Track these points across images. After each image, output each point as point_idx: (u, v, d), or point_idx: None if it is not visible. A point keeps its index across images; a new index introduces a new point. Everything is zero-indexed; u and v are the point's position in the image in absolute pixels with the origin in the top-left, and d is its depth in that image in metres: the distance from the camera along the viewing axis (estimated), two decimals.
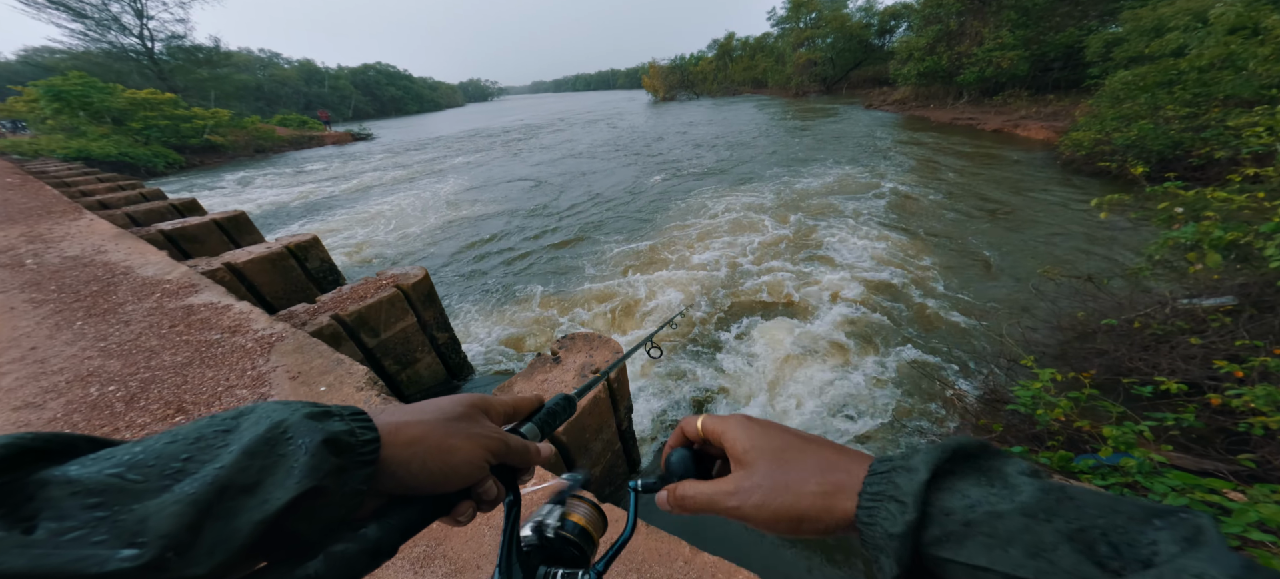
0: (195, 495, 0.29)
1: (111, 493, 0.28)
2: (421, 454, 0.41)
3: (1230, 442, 2.92)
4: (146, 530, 0.27)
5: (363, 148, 34.68)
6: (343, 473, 0.36)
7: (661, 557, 1.70)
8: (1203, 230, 3.96)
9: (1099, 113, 11.31)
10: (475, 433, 0.45)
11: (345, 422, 0.38)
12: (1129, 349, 3.76)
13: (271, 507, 0.31)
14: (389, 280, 4.31)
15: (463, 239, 10.56)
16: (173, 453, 0.31)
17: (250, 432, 0.34)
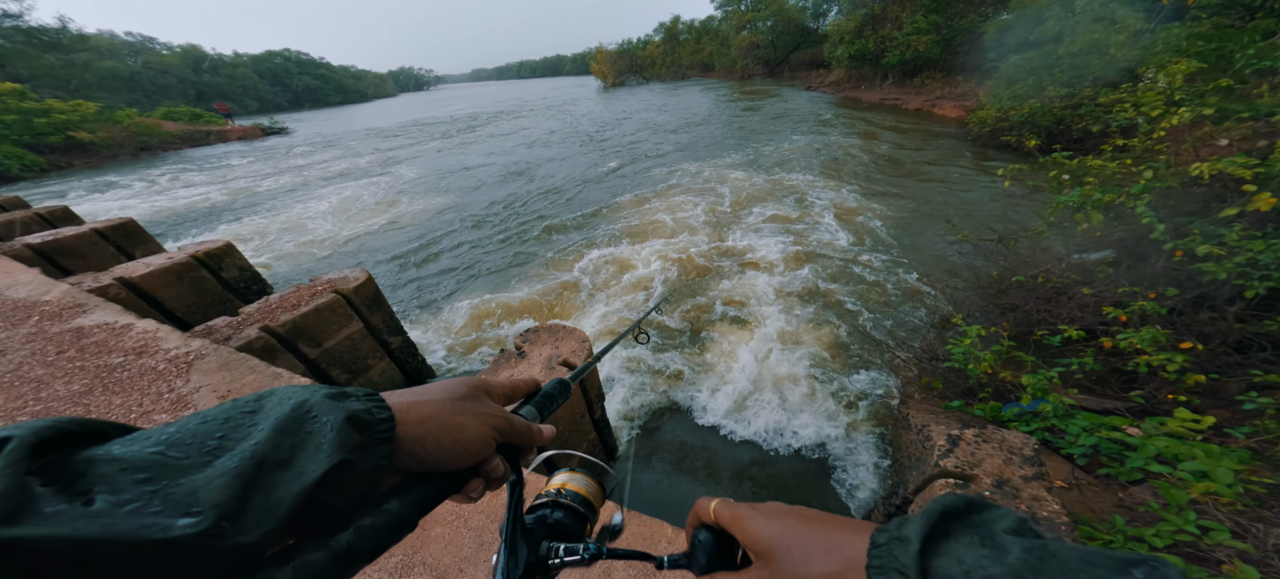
0: (238, 469, 0.31)
1: (158, 468, 0.30)
2: (433, 431, 0.43)
3: (1123, 380, 3.39)
4: (199, 501, 0.29)
5: (277, 143, 31.22)
6: (365, 448, 0.38)
7: (645, 539, 1.72)
8: (1086, 194, 4.52)
9: (998, 93, 12.60)
10: (481, 411, 0.48)
11: (362, 401, 0.40)
12: (1036, 302, 4.25)
13: (309, 478, 0.33)
14: (326, 285, 3.97)
15: (410, 237, 9.93)
16: (206, 432, 0.33)
17: (276, 411, 0.36)
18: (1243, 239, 3.47)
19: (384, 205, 12.66)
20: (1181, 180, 4.10)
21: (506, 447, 0.51)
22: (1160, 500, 1.90)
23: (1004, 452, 2.02)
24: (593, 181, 13.14)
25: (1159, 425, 2.48)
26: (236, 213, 13.09)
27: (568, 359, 2.81)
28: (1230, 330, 3.47)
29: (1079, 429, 2.59)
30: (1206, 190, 4.06)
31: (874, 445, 3.74)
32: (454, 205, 12.03)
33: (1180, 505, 1.83)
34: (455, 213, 11.32)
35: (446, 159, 19.09)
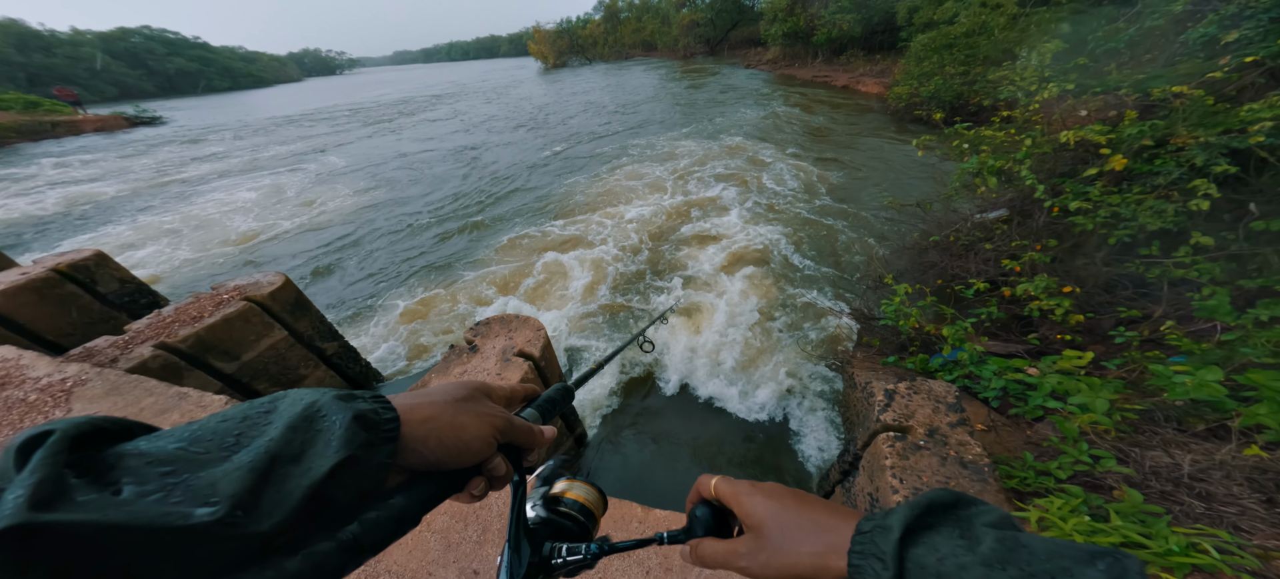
0: (253, 463, 0.33)
1: (181, 462, 0.32)
2: (436, 431, 0.45)
3: (1022, 325, 3.86)
4: (217, 492, 0.31)
5: (150, 135, 26.67)
6: (371, 446, 0.39)
7: (616, 521, 1.73)
8: (981, 161, 5.03)
9: (909, 70, 13.65)
10: (482, 412, 0.49)
11: (369, 402, 0.42)
12: (950, 259, 4.71)
13: (317, 473, 0.35)
14: (234, 292, 3.53)
15: (339, 233, 9.02)
16: (226, 430, 0.36)
17: (289, 411, 0.38)
18: (1103, 195, 4.04)
19: (305, 200, 11.37)
20: (1054, 146, 4.67)
21: (508, 447, 0.52)
22: (1058, 434, 2.19)
23: (932, 401, 2.23)
24: (540, 166, 12.66)
25: (1051, 364, 2.86)
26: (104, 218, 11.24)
27: (524, 349, 2.72)
28: (1100, 273, 4.03)
29: (990, 374, 2.92)
30: (1073, 155, 4.67)
31: (826, 405, 3.96)
32: (389, 197, 11.08)
33: (1073, 437, 2.12)
34: (391, 204, 10.47)
35: (376, 147, 17.48)
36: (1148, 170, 4.00)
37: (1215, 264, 3.36)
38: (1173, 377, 2.17)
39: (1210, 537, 1.40)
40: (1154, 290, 3.69)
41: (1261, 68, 4.04)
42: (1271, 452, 1.73)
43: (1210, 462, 1.74)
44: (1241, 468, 1.68)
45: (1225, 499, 1.58)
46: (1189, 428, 2.14)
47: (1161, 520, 1.51)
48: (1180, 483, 1.71)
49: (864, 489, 2.13)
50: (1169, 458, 1.84)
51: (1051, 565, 0.32)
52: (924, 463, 1.91)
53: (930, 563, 0.36)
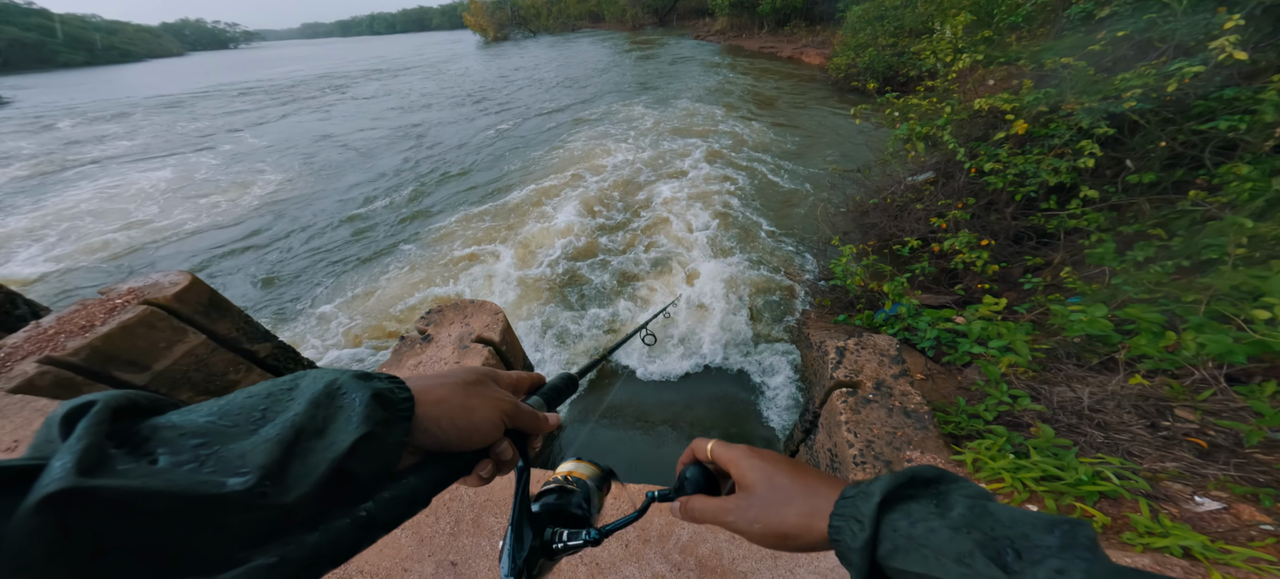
0: (279, 436, 0.34)
1: (212, 434, 0.33)
2: (448, 412, 0.46)
3: (949, 278, 4.22)
4: (247, 463, 0.32)
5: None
6: (389, 424, 0.40)
7: None
8: (910, 127, 5.36)
9: (846, 41, 14.10)
10: (492, 395, 0.50)
11: (385, 382, 0.43)
12: (887, 220, 5.03)
13: (340, 446, 0.36)
14: (128, 296, 3.09)
15: (263, 224, 8.07)
16: (252, 406, 0.37)
17: (310, 388, 0.39)
18: (1010, 156, 4.45)
19: (219, 188, 10.03)
20: (969, 113, 5.06)
21: (515, 433, 0.53)
22: (984, 378, 2.45)
23: (877, 355, 2.41)
24: (489, 144, 11.90)
25: (974, 312, 3.17)
26: None
27: (482, 334, 2.62)
28: (1010, 227, 4.46)
29: (925, 325, 3.19)
30: (985, 121, 5.09)
31: (787, 366, 4.15)
32: (318, 187, 9.93)
33: (995, 379, 2.38)
34: (322, 192, 9.44)
35: (298, 129, 15.59)
36: (1044, 133, 4.44)
37: (1100, 214, 3.83)
38: (1070, 316, 2.47)
39: (1109, 464, 1.65)
40: (1053, 240, 4.16)
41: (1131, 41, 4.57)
42: (1151, 379, 2.05)
43: (1104, 393, 2.02)
44: (1129, 396, 1.97)
45: (1118, 427, 1.86)
46: (1086, 362, 2.46)
47: (1070, 453, 1.75)
48: (1082, 415, 1.98)
49: (824, 446, 2.28)
50: (1072, 392, 2.11)
51: (1012, 531, 0.35)
52: (873, 416, 2.07)
53: (903, 526, 0.38)
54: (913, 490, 0.41)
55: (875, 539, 0.39)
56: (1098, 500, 1.56)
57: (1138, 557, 1.33)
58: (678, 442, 3.52)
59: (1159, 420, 1.88)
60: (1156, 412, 1.91)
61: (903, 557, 0.37)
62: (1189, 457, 1.68)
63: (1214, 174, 3.30)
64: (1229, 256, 2.43)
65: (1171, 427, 1.84)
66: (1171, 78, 3.29)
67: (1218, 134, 3.31)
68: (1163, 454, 1.71)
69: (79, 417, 0.30)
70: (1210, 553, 1.29)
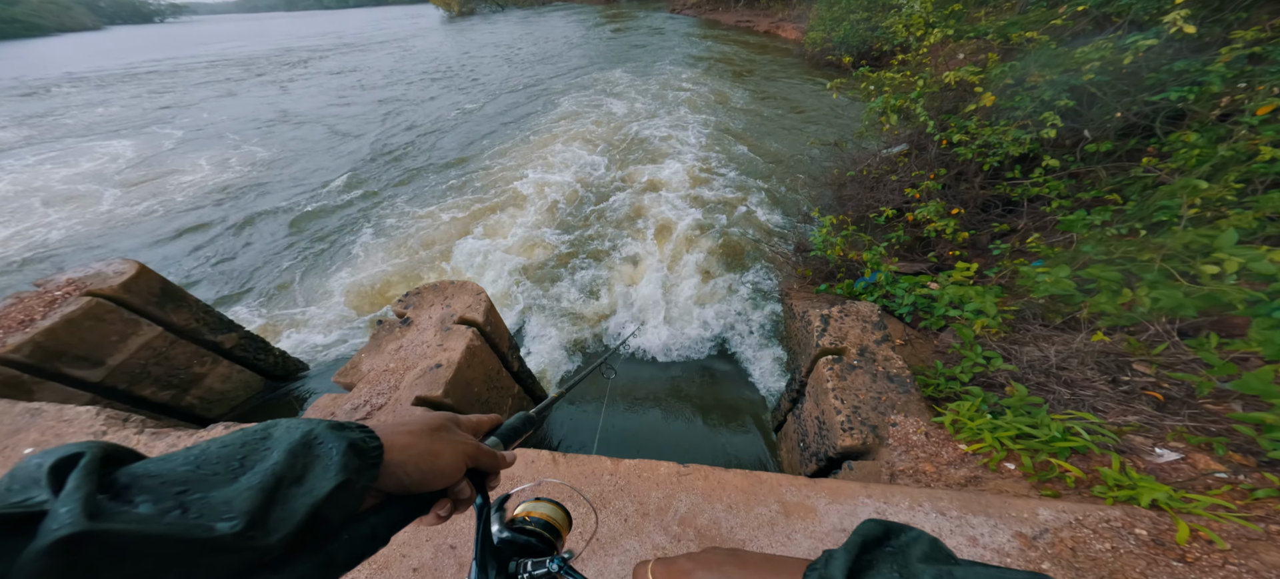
0: (262, 484, 0.36)
1: (192, 482, 0.35)
2: (413, 457, 0.48)
3: (922, 246, 4.36)
4: (232, 509, 0.33)
5: None
6: (361, 471, 0.43)
7: (588, 476, 1.74)
8: (885, 101, 5.44)
9: (821, 16, 14.05)
10: (454, 439, 0.53)
11: (356, 432, 0.45)
12: (863, 191, 5.12)
13: (318, 493, 0.39)
14: (70, 288, 2.86)
15: (221, 208, 7.54)
16: (228, 455, 0.38)
17: (286, 438, 0.41)
18: (978, 128, 4.58)
19: (153, 171, 9.28)
20: (940, 86, 5.16)
21: (474, 472, 0.56)
22: (959, 340, 2.55)
23: (860, 322, 2.48)
24: (460, 122, 11.36)
25: (947, 278, 3.29)
26: None
27: (465, 316, 2.55)
28: (978, 196, 4.62)
29: (902, 291, 3.30)
30: (955, 94, 5.21)
31: (771, 337, 4.21)
32: (274, 172, 9.24)
33: (969, 341, 2.48)
34: (282, 176, 8.82)
35: (246, 108, 14.43)
36: (1010, 106, 4.59)
37: (1061, 182, 4.00)
38: (1037, 277, 2.60)
39: (1080, 420, 1.75)
40: (1017, 208, 4.34)
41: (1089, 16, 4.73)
42: (1111, 335, 2.18)
43: (1068, 351, 2.14)
44: (1091, 353, 2.10)
45: (1083, 384, 1.97)
46: (1050, 323, 2.60)
47: (1042, 410, 1.85)
48: (1050, 373, 2.10)
49: (811, 414, 2.34)
50: (1039, 351, 2.23)
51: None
52: (859, 381, 2.13)
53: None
54: (869, 557, 0.41)
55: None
56: (1069, 456, 1.66)
57: (1109, 510, 1.43)
58: (666, 420, 3.55)
59: (1119, 376, 2.00)
60: (1116, 367, 2.04)
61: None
62: (1147, 410, 1.81)
63: (1165, 142, 3.48)
64: (1182, 217, 2.58)
65: (1130, 381, 1.97)
66: (1127, 51, 3.42)
67: (1168, 104, 3.48)
68: (1124, 408, 1.84)
69: (69, 466, 0.31)
70: (1175, 503, 1.39)
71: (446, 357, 2.36)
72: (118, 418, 1.90)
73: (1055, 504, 1.44)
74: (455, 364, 2.32)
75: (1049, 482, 1.60)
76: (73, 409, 1.93)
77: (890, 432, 1.89)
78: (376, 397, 2.23)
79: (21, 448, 1.81)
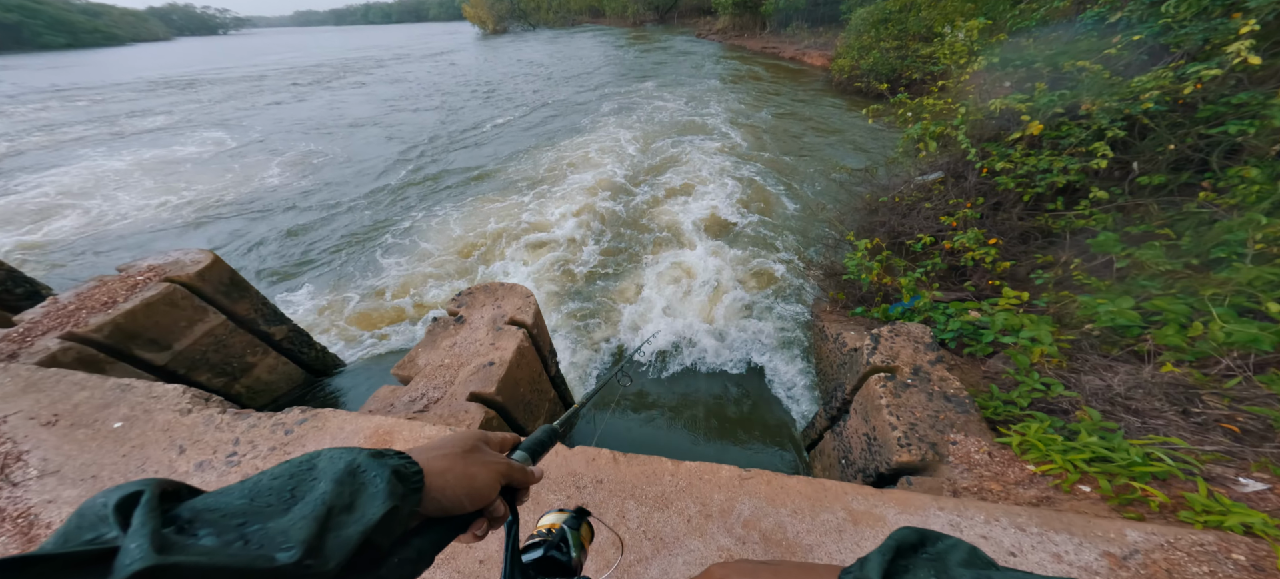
0: (314, 513, 0.37)
1: (250, 514, 0.36)
2: (452, 482, 0.50)
3: (958, 274, 4.30)
4: (290, 539, 0.35)
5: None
6: (406, 496, 0.45)
7: (649, 476, 1.75)
8: (924, 127, 5.45)
9: (850, 44, 14.22)
10: (488, 461, 0.55)
11: (396, 459, 0.47)
12: (897, 218, 5.10)
13: (370, 519, 0.40)
14: (149, 273, 3.03)
15: (257, 212, 7.93)
16: (278, 486, 0.40)
17: (331, 467, 0.42)
18: (1022, 156, 4.55)
19: (223, 170, 9.84)
20: (984, 114, 5.15)
21: (506, 489, 0.57)
22: (1012, 366, 2.50)
23: (912, 342, 2.46)
24: (496, 135, 11.83)
25: (992, 306, 3.24)
26: None
27: (515, 317, 2.62)
28: (1016, 226, 4.55)
29: (945, 317, 3.26)
30: (998, 122, 5.19)
31: (800, 356, 4.20)
32: (336, 170, 9.78)
33: (1026, 368, 2.44)
34: (340, 173, 9.36)
35: (308, 111, 15.46)
36: (1056, 135, 4.54)
37: (1108, 215, 3.92)
38: (1098, 307, 2.55)
39: (1161, 445, 1.71)
40: (1058, 240, 4.26)
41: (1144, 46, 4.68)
42: (1180, 367, 2.11)
43: (1136, 380, 2.09)
44: (1160, 384, 2.04)
45: (1152, 413, 1.92)
46: (1108, 353, 2.53)
47: (1118, 434, 1.80)
48: (1115, 401, 2.04)
49: (858, 430, 2.32)
50: (1102, 380, 2.18)
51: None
52: (914, 399, 2.11)
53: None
54: (904, 562, 0.40)
55: None
56: (1150, 481, 1.61)
57: (1201, 534, 1.38)
58: (691, 432, 3.54)
59: (1190, 407, 1.94)
60: (1186, 399, 1.98)
61: None
62: (1225, 441, 1.75)
63: (1221, 177, 3.40)
64: (1247, 252, 2.51)
65: (1202, 413, 1.91)
66: (1187, 81, 3.38)
67: (1227, 138, 3.41)
68: (1200, 438, 1.78)
69: (132, 504, 0.33)
70: (1270, 530, 1.34)
71: (498, 355, 2.42)
72: (201, 397, 2.00)
73: (1142, 526, 1.40)
74: (506, 363, 2.38)
75: (1130, 505, 1.55)
76: (161, 386, 2.03)
77: (950, 449, 1.86)
78: (433, 390, 2.29)
79: (112, 422, 1.91)
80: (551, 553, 0.65)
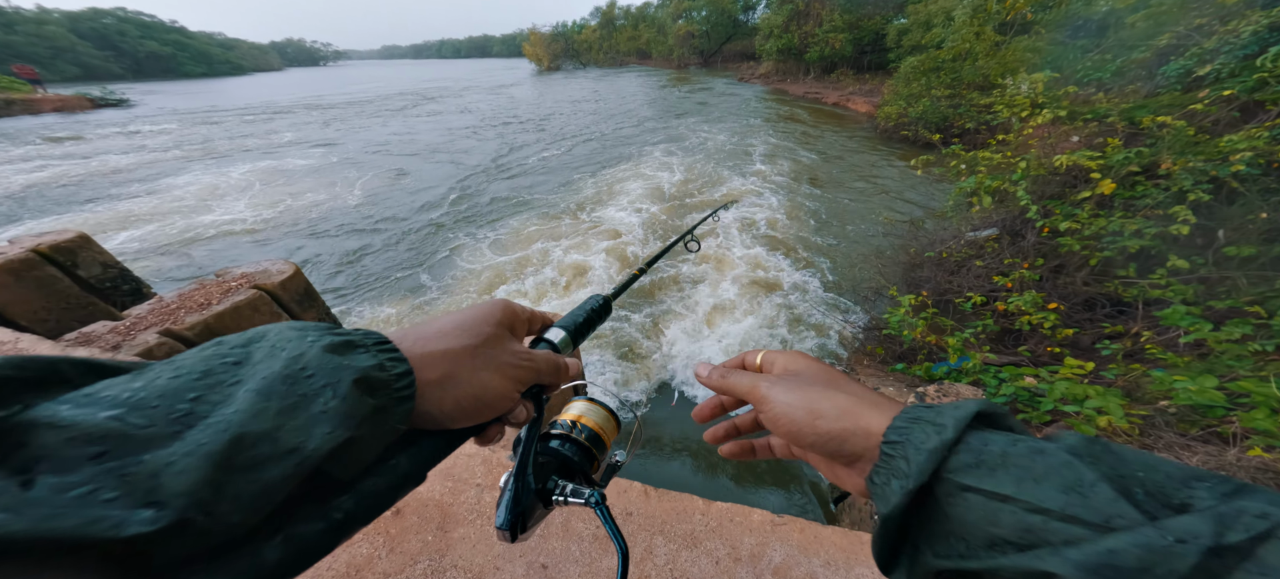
0: (210, 449, 0.24)
1: (114, 439, 0.23)
2: (453, 394, 0.38)
3: (1012, 338, 4.07)
4: (161, 489, 0.23)
5: (116, 117, 25.27)
6: (380, 415, 0.32)
7: (679, 513, 1.75)
8: (979, 181, 5.29)
9: (898, 91, 14.17)
10: (507, 362, 0.42)
11: (372, 353, 0.33)
12: (943, 274, 4.93)
13: (306, 455, 0.28)
14: (242, 280, 3.40)
15: (331, 223, 8.75)
16: (177, 390, 0.26)
17: (264, 367, 0.29)
18: (1090, 217, 4.31)
19: (289, 191, 11.02)
20: (1047, 170, 4.95)
21: (531, 389, 0.47)
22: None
23: None
24: (551, 164, 12.62)
25: (1051, 373, 3.05)
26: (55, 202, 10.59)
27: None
28: (1080, 291, 4.28)
29: (996, 381, 3.09)
30: (1063, 178, 4.96)
31: None
32: (403, 194, 10.67)
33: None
34: (408, 195, 10.27)
35: (388, 134, 17.39)
36: (1130, 195, 4.29)
37: (1188, 286, 3.63)
38: (1175, 383, 2.35)
39: None
40: (1130, 310, 3.96)
41: (1236, 102, 4.39)
42: (1270, 453, 1.91)
43: (1218, 463, 1.90)
44: (1246, 468, 1.85)
45: None
46: (1185, 433, 2.32)
47: None
48: None
49: None
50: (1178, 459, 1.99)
51: (1145, 474, 0.28)
52: None
53: (997, 442, 0.31)
54: (1001, 421, 0.35)
55: (955, 445, 0.32)
56: None
57: None
58: (721, 482, 3.47)
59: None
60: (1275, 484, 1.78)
61: (983, 473, 0.30)
62: None
63: None
64: None
65: None
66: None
67: None
68: None
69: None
70: None
71: None
72: None
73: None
74: None
75: None
76: None
77: None
78: None
79: None
80: (575, 455, 0.54)
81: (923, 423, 0.34)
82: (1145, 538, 0.24)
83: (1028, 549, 0.27)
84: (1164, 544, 0.24)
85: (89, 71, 76.30)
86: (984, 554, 0.29)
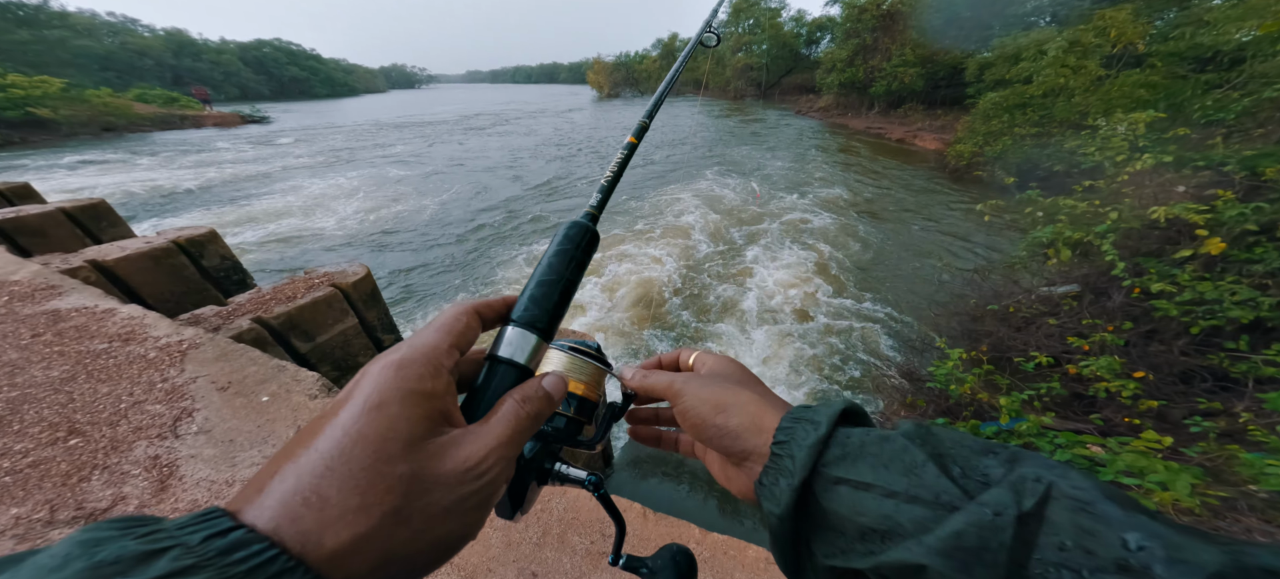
0: None
1: None
2: (386, 553, 0.25)
3: (1083, 404, 3.64)
4: None
5: (256, 132, 31.10)
6: None
7: (675, 539, 1.75)
8: (1057, 231, 4.82)
9: (974, 128, 13.26)
10: (455, 499, 0.28)
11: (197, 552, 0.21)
12: (1008, 330, 4.51)
13: None
14: (323, 279, 3.89)
15: (402, 232, 9.81)
16: None
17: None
18: (1192, 279, 3.80)
19: (380, 199, 12.51)
20: (1142, 223, 4.42)
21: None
22: None
23: None
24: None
25: (1120, 444, 2.71)
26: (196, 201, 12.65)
27: None
28: (1176, 362, 3.76)
29: (1052, 446, 2.79)
30: (1162, 234, 4.40)
31: None
32: (465, 204, 11.91)
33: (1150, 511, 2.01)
34: (471, 205, 11.41)
35: (467, 151, 19.58)
36: (1246, 258, 3.74)
37: None
38: (1265, 467, 2.04)
39: None
40: (1236, 387, 3.42)
41: None
42: None
43: None
44: None
45: None
46: (1273, 520, 2.00)
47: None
48: None
49: None
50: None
51: (955, 451, 0.32)
52: None
53: (856, 434, 0.35)
54: (860, 418, 0.40)
55: (828, 440, 0.36)
56: None
57: None
58: (725, 515, 3.39)
59: None
60: None
61: (848, 464, 0.34)
62: None
63: None
64: None
65: None
66: None
67: None
68: None
69: None
70: None
71: None
72: (327, 386, 2.50)
73: None
74: None
75: None
76: (303, 371, 2.59)
77: None
78: None
79: (262, 395, 2.48)
80: (563, 426, 0.47)
81: (803, 422, 0.37)
82: (976, 515, 0.27)
83: (891, 538, 0.30)
84: (988, 519, 0.26)
85: (245, 92, 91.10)
86: (860, 548, 0.32)
